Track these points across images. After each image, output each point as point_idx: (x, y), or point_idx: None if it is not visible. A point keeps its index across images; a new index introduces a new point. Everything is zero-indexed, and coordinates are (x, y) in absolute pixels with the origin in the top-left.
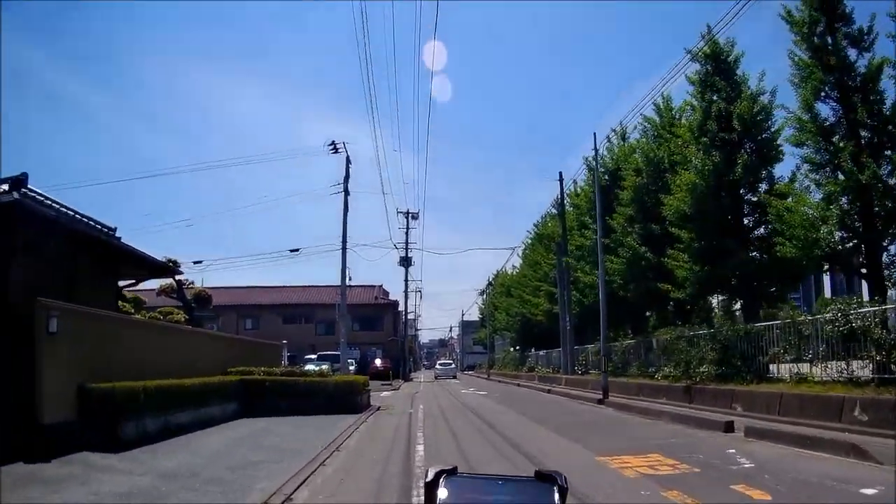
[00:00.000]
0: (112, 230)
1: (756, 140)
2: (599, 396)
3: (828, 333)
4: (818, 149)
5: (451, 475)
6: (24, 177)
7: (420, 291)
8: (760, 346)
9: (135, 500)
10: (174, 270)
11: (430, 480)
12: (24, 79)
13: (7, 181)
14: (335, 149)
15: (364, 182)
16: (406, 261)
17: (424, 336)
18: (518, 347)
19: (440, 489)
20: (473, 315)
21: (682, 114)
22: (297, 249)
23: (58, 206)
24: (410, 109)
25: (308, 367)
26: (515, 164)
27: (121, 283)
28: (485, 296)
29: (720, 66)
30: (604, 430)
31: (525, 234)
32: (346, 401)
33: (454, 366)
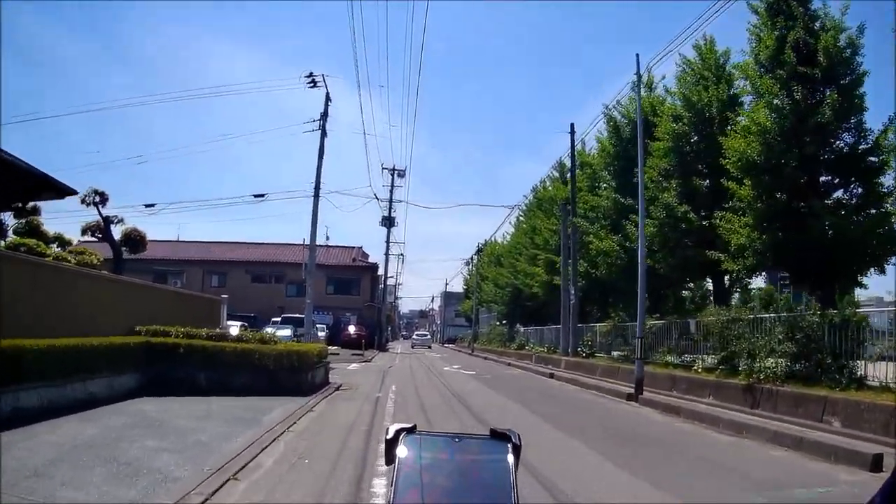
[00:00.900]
0: None
1: (839, 83)
2: (625, 389)
3: None
4: None
5: (411, 433)
6: None
7: (402, 255)
8: (857, 341)
9: None
10: (59, 188)
11: (391, 438)
12: None
13: None
14: (313, 82)
15: (345, 134)
16: (389, 220)
17: (405, 306)
18: (505, 322)
19: (399, 446)
20: (457, 286)
21: (728, 59)
22: (263, 195)
23: None
24: (399, 50)
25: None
26: (513, 130)
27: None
28: (471, 266)
29: None
30: (682, 456)
31: (521, 199)
32: (292, 378)
33: (429, 337)
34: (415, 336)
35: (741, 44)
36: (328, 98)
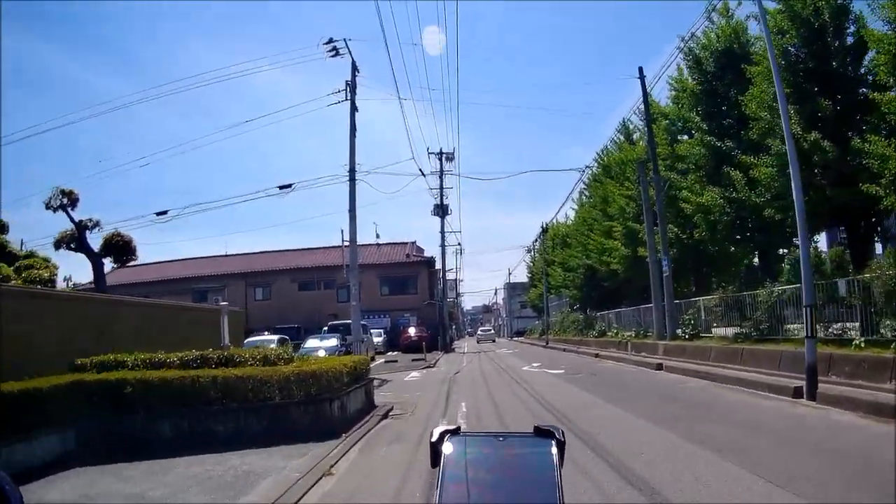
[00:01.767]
0: None
1: None
2: (780, 381)
3: None
4: None
5: (455, 434)
6: None
7: (460, 246)
8: None
9: None
10: None
11: (436, 440)
12: None
13: None
14: (335, 50)
15: (379, 116)
16: (442, 209)
17: (468, 302)
18: (577, 307)
19: (444, 445)
20: (520, 276)
21: None
22: (290, 185)
23: None
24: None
25: (307, 347)
26: (558, 116)
27: None
28: (533, 252)
29: None
30: None
31: (584, 169)
32: (310, 412)
33: (492, 331)
34: (479, 332)
35: None
36: (355, 68)
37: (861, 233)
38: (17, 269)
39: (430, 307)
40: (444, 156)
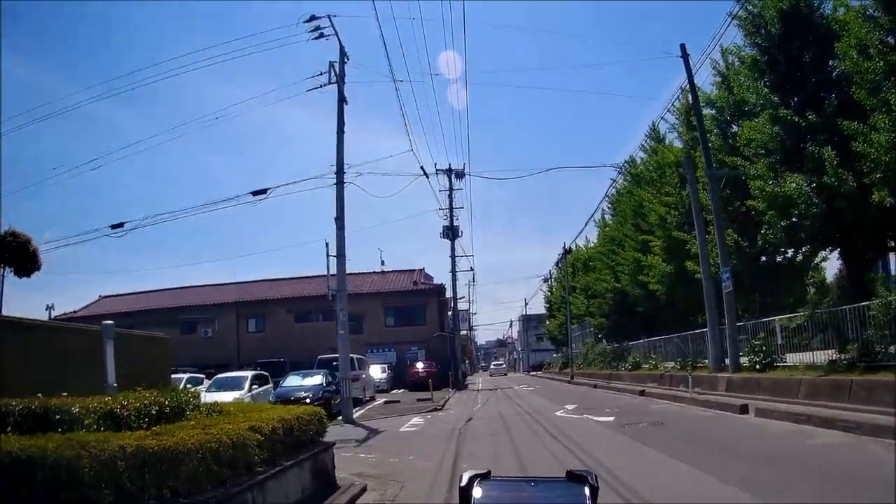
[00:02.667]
0: None
1: None
2: None
3: None
4: None
5: (485, 479)
6: None
7: (473, 272)
8: None
9: None
10: None
11: (465, 485)
12: None
13: None
14: (318, 31)
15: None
16: (451, 230)
17: (481, 336)
18: (601, 337)
19: (474, 489)
20: (535, 308)
21: None
22: (265, 191)
23: None
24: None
25: (285, 387)
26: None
27: None
28: (551, 281)
29: None
30: None
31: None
32: None
33: (504, 365)
34: (492, 366)
35: None
36: (343, 54)
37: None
38: None
39: (440, 339)
40: (454, 172)
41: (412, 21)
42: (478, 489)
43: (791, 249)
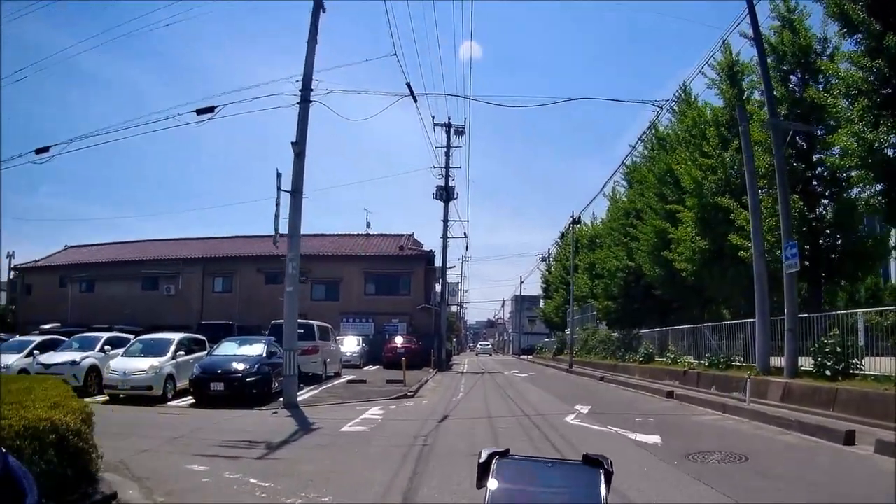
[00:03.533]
0: None
1: None
2: None
3: None
4: None
5: (504, 457)
6: None
7: (466, 239)
8: None
9: None
10: None
11: (484, 461)
12: None
13: None
14: None
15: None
16: (446, 191)
17: (471, 316)
18: (605, 323)
19: (492, 467)
20: (530, 289)
21: None
22: (212, 109)
23: None
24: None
25: (215, 356)
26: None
27: None
28: (549, 260)
29: None
30: None
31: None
32: None
33: (490, 346)
34: (479, 346)
35: None
36: None
37: None
38: None
39: (425, 313)
40: (453, 129)
41: None
42: (495, 466)
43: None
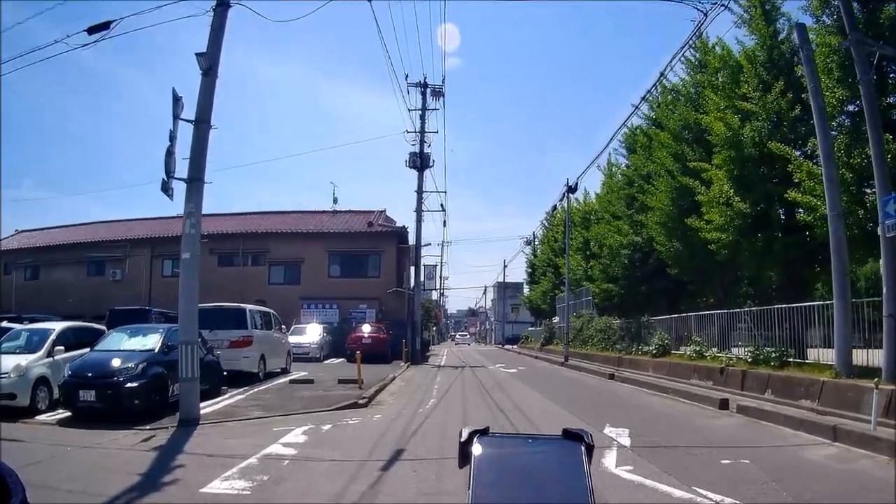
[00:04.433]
0: None
1: None
2: None
3: None
4: None
5: (484, 434)
6: None
7: (444, 212)
8: None
9: None
10: None
11: (465, 440)
12: None
13: None
14: None
15: None
16: (421, 158)
17: (451, 305)
18: (595, 310)
19: (474, 446)
20: (512, 276)
21: None
22: (107, 25)
23: None
24: None
25: (97, 351)
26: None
27: None
28: (534, 244)
29: None
30: None
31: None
32: None
33: (468, 336)
34: (458, 336)
35: None
36: None
37: None
38: None
39: (398, 297)
40: (430, 88)
41: None
42: (477, 445)
43: None
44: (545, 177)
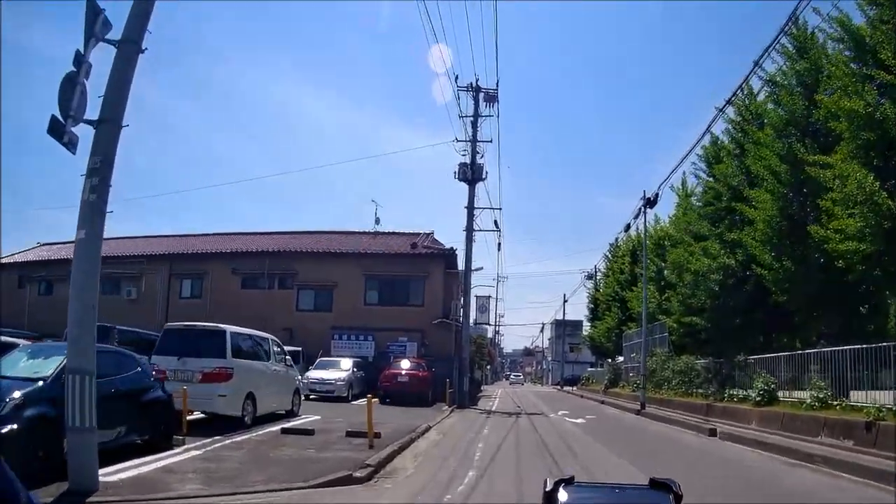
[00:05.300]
0: None
1: None
2: None
3: None
4: None
5: (569, 483)
6: None
7: (498, 232)
8: None
9: None
10: None
11: (550, 490)
12: None
13: None
14: None
15: None
16: (472, 169)
17: (507, 343)
18: (664, 348)
19: (560, 493)
20: (572, 314)
21: None
22: None
23: None
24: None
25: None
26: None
27: None
28: (595, 279)
29: None
30: None
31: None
32: None
33: (523, 377)
34: (512, 376)
35: None
36: None
37: None
38: None
39: (444, 330)
40: (483, 92)
41: None
42: (563, 493)
43: None
44: (597, 213)
